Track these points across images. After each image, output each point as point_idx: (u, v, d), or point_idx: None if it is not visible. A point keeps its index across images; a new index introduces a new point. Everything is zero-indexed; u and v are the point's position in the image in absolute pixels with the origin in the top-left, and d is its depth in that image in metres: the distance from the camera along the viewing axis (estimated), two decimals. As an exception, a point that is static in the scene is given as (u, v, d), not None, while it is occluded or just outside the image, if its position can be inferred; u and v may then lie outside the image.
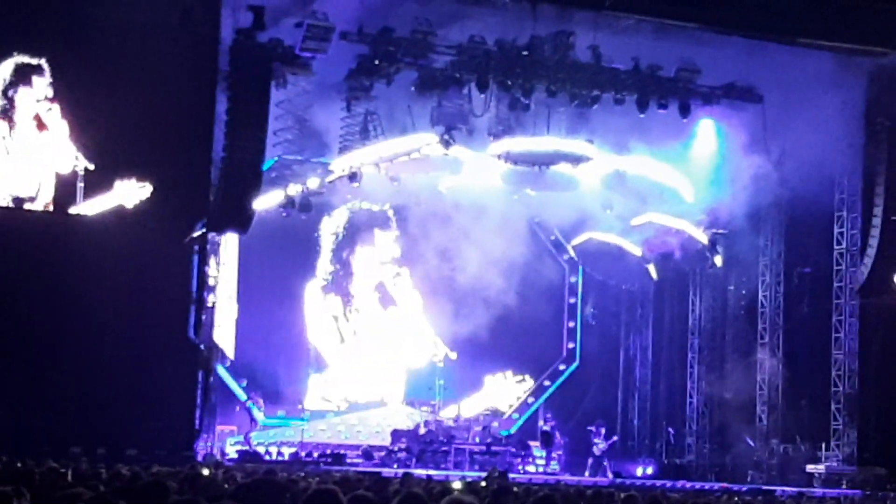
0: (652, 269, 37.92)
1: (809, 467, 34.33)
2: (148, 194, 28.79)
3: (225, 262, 33.88)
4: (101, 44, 28.14)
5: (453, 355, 38.41)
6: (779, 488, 28.78)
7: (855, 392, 34.86)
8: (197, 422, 30.35)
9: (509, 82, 31.36)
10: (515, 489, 12.99)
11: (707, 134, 34.80)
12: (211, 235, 30.42)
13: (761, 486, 30.48)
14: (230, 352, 35.65)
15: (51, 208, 28.50)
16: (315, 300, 37.96)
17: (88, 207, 28.72)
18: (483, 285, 37.07)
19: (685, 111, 32.74)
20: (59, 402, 27.28)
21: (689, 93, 32.74)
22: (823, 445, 35.14)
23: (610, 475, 34.38)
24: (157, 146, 28.91)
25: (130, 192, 29.43)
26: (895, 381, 33.92)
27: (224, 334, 34.82)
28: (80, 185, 28.62)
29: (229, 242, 34.01)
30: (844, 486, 32.07)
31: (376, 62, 31.12)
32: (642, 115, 32.30)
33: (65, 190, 28.69)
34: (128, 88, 27.96)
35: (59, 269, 28.14)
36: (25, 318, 27.52)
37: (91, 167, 28.45)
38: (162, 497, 6.56)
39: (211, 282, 31.30)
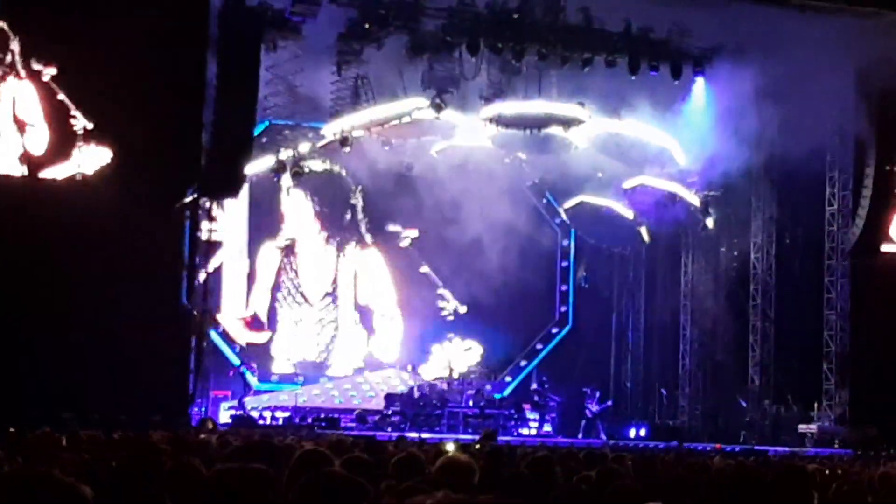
0: (644, 231, 37.93)
1: (801, 427, 34.52)
2: (134, 160, 28.75)
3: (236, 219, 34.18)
4: (90, 10, 28.00)
5: (463, 308, 38.66)
6: (771, 448, 28.91)
7: (846, 352, 35.01)
8: (191, 387, 30.43)
9: (500, 45, 31.30)
10: (507, 450, 13.03)
11: (699, 96, 34.74)
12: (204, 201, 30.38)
13: (753, 446, 30.59)
14: (242, 309, 35.87)
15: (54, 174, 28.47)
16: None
17: (71, 170, 28.65)
18: (475, 249, 37.06)
19: (677, 73, 32.73)
20: (53, 368, 27.31)
21: (680, 55, 32.71)
22: (815, 406, 35.33)
23: (603, 437, 34.51)
24: (147, 111, 28.82)
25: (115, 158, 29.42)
26: (886, 341, 34.03)
27: (236, 291, 35.08)
28: (79, 146, 28.57)
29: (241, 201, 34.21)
30: (836, 446, 32.24)
31: (366, 26, 31.01)
32: (633, 78, 32.27)
33: (59, 154, 28.66)
34: (118, 54, 27.82)
35: (50, 235, 28.11)
36: (16, 284, 27.49)
37: (90, 126, 28.34)
38: (156, 461, 6.58)
39: (217, 238, 31.36)
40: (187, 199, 29.74)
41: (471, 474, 6.55)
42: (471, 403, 35.31)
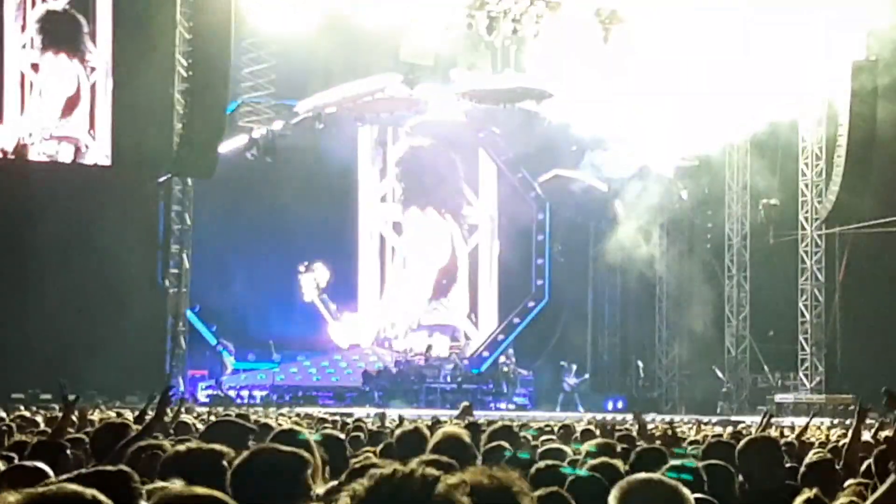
0: (619, 204, 37.92)
1: (778, 397, 34.69)
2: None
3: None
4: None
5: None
6: (748, 418, 29.02)
7: (821, 321, 35.18)
8: (167, 366, 30.42)
9: (473, 21, 31.19)
10: (484, 424, 13.05)
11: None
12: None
13: (731, 416, 30.71)
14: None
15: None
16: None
17: (50, 152, 28.59)
18: (450, 224, 37.07)
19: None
20: (29, 349, 27.26)
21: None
22: (791, 375, 35.52)
23: (581, 410, 34.59)
24: (119, 90, 28.77)
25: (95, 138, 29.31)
26: (861, 309, 34.23)
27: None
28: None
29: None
30: (813, 415, 32.35)
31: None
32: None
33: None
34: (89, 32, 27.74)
35: (26, 215, 28.07)
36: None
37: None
38: (121, 439, 6.56)
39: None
40: (161, 179, 29.69)
41: (469, 448, 6.57)
42: (448, 379, 35.36)
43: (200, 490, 2.92)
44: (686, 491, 3.95)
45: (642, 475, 4.08)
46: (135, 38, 29.63)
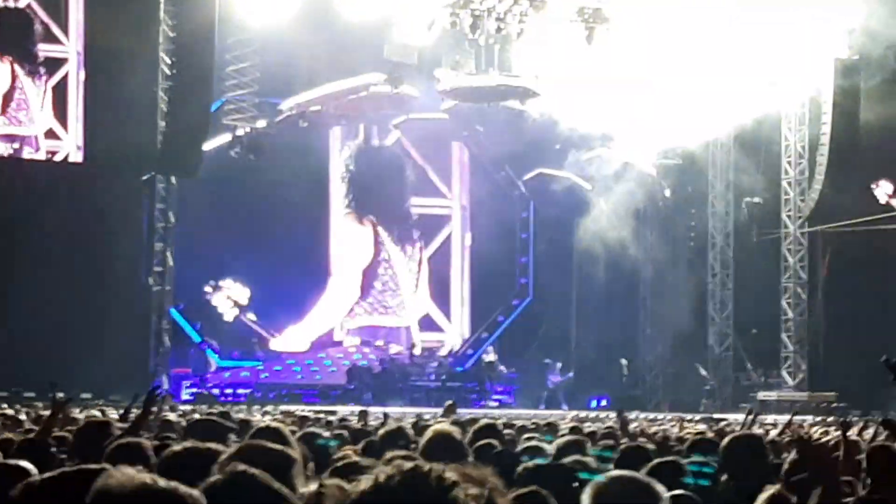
0: (603, 202, 37.96)
1: (761, 395, 34.75)
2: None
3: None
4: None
5: None
6: (731, 416, 29.07)
7: (804, 319, 35.29)
8: (151, 364, 30.38)
9: (457, 19, 31.19)
10: (468, 423, 13.07)
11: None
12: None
13: (714, 414, 30.76)
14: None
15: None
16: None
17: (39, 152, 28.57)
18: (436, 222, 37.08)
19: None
20: (12, 347, 27.20)
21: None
22: (775, 372, 35.60)
23: (565, 408, 34.62)
24: (102, 89, 28.71)
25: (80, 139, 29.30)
26: (843, 307, 34.33)
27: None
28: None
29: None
30: (796, 413, 32.41)
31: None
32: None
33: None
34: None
35: (12, 213, 28.01)
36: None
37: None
38: (105, 437, 6.55)
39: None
40: (145, 178, 29.65)
41: (461, 446, 6.57)
42: (433, 377, 35.35)
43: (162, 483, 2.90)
44: (660, 487, 3.97)
45: (615, 472, 4.10)
46: (113, 32, 29.61)
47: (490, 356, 37.31)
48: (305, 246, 37.47)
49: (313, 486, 5.28)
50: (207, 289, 35.79)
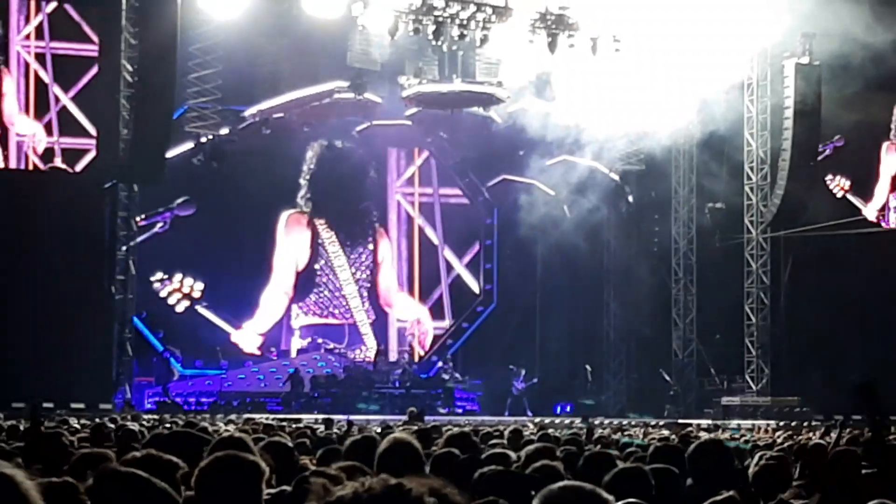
0: (566, 208, 38.02)
1: (724, 400, 34.89)
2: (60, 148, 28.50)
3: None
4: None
5: None
6: (695, 421, 29.20)
7: (767, 324, 35.46)
8: (114, 374, 30.20)
9: (420, 26, 31.19)
10: (433, 430, 13.07)
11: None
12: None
13: (678, 419, 30.88)
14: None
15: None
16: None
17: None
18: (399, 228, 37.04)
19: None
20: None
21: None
22: (738, 378, 35.76)
23: (529, 414, 34.64)
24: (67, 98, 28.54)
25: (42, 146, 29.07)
26: (806, 312, 34.53)
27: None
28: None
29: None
30: (759, 417, 32.62)
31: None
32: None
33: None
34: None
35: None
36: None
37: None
38: (62, 450, 6.50)
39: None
40: (107, 185, 29.47)
41: (418, 455, 6.54)
42: (398, 384, 35.31)
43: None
44: (607, 496, 4.00)
45: (563, 483, 4.12)
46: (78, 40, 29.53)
47: (444, 364, 37.34)
48: (263, 247, 37.42)
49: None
50: (156, 282, 35.64)
